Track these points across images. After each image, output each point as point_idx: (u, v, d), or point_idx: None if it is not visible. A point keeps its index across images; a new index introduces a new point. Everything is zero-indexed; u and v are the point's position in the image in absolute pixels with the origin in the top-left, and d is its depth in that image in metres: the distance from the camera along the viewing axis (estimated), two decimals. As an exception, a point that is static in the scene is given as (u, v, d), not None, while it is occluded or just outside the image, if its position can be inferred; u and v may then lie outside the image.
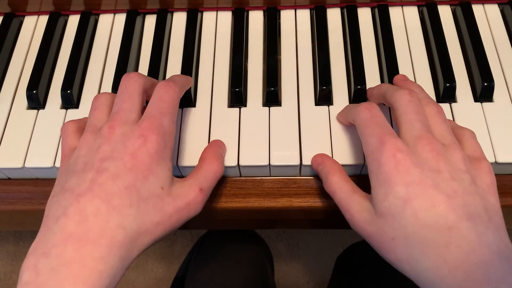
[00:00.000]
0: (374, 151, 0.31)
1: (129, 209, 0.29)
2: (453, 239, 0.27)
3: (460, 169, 0.30)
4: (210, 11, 0.48)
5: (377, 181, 0.30)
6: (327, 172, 0.35)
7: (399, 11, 0.47)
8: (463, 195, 0.29)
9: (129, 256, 0.29)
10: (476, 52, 0.42)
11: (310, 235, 1.11)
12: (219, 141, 0.39)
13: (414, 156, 0.30)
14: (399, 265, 0.30)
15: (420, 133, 0.31)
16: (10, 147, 0.40)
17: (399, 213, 0.29)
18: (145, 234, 0.29)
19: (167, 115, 0.32)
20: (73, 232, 0.27)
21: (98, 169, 0.29)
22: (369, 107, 0.33)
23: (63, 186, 0.30)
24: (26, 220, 0.45)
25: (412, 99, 0.33)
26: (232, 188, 0.40)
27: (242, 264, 0.56)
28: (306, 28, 0.46)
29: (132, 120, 0.32)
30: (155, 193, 0.30)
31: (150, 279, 1.10)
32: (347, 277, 0.62)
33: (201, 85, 0.43)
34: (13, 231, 1.15)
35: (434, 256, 0.28)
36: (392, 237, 0.29)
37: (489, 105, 0.40)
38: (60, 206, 0.28)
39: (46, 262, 0.26)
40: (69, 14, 0.49)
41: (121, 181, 0.29)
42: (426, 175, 0.29)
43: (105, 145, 0.30)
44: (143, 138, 0.30)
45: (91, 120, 0.34)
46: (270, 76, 0.42)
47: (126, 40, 0.46)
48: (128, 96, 0.33)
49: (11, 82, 0.45)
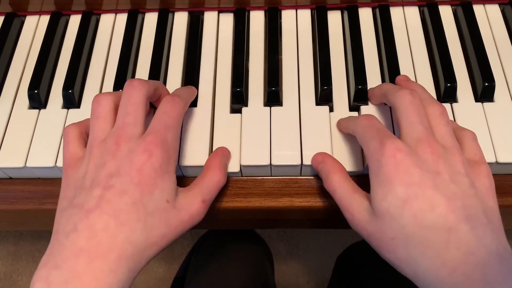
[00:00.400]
0: (375, 153, 0.31)
1: (137, 224, 0.29)
2: (452, 240, 0.28)
3: (459, 172, 0.30)
4: (211, 11, 0.48)
5: (377, 181, 0.30)
6: (327, 171, 0.35)
7: (400, 11, 0.47)
8: (462, 198, 0.29)
9: (136, 268, 0.30)
10: (477, 52, 0.42)
11: (310, 235, 1.12)
12: (225, 149, 0.39)
13: (415, 157, 0.30)
14: (399, 265, 0.30)
15: (421, 135, 0.31)
16: (12, 147, 0.40)
17: (398, 213, 0.29)
18: (151, 246, 0.30)
19: (172, 129, 0.33)
20: (83, 246, 0.28)
21: (105, 185, 0.30)
22: (368, 117, 0.34)
23: (72, 202, 0.30)
24: (27, 220, 0.45)
25: (414, 99, 0.33)
26: (233, 188, 0.40)
27: (242, 264, 0.56)
28: (307, 28, 0.46)
29: (137, 134, 0.32)
30: (161, 207, 0.31)
31: (151, 279, 1.10)
32: (347, 277, 0.62)
33: (203, 85, 0.43)
34: (13, 231, 1.15)
35: (433, 257, 0.28)
36: (391, 237, 0.29)
37: (490, 105, 0.40)
38: (70, 222, 0.29)
39: (57, 274, 0.27)
40: (70, 14, 0.49)
41: (128, 197, 0.30)
42: (426, 176, 0.29)
43: (111, 161, 0.31)
44: (148, 152, 0.31)
45: (94, 132, 0.33)
46: (271, 76, 0.42)
47: (127, 40, 0.46)
48: (132, 108, 0.33)
49: (12, 82, 0.45)
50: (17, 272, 1.12)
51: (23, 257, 1.14)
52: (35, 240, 1.15)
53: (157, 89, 0.36)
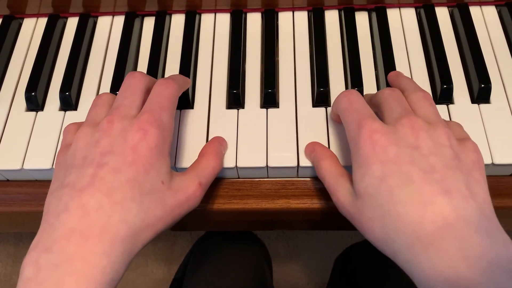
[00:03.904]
0: (354, 136, 0.31)
1: (132, 203, 0.28)
2: (427, 215, 0.27)
3: (442, 144, 0.29)
4: (208, 13, 0.48)
5: (357, 164, 0.30)
6: (318, 158, 0.35)
7: (397, 13, 0.47)
8: (442, 170, 0.28)
9: (131, 251, 0.28)
10: (473, 53, 0.42)
11: (310, 236, 1.12)
12: (221, 138, 0.38)
13: (392, 135, 0.29)
14: (378, 245, 0.30)
15: (400, 115, 0.31)
16: (9, 149, 0.41)
17: (375, 192, 0.29)
18: (147, 228, 0.29)
19: (166, 110, 0.32)
20: (75, 227, 0.27)
21: (98, 163, 0.29)
22: (348, 94, 0.33)
23: (63, 182, 0.29)
24: (25, 222, 0.46)
25: (392, 93, 0.33)
26: (230, 190, 0.40)
27: (240, 266, 0.56)
28: (304, 30, 0.46)
29: (131, 115, 0.32)
30: (157, 187, 0.30)
31: (150, 281, 1.10)
32: (346, 278, 0.62)
33: (199, 87, 0.43)
34: (13, 233, 1.15)
35: (409, 234, 0.27)
36: (370, 217, 0.29)
37: (486, 107, 0.40)
38: (60, 202, 0.28)
39: (47, 257, 0.26)
40: (67, 16, 0.49)
41: (122, 175, 0.28)
42: (404, 152, 0.29)
43: (104, 139, 0.30)
44: (142, 131, 0.30)
45: (90, 115, 0.34)
46: (268, 77, 0.42)
47: (124, 42, 0.46)
48: (130, 92, 0.33)
49: (10, 84, 0.45)
50: (17, 274, 1.12)
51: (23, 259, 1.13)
52: (35, 241, 1.15)
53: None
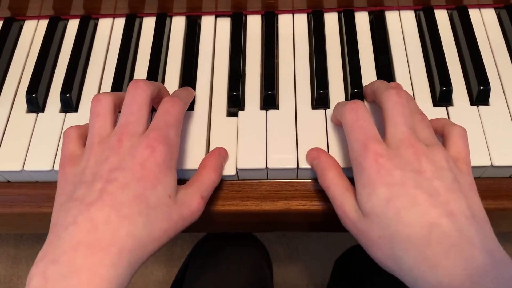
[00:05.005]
0: (358, 157, 0.31)
1: (139, 217, 0.29)
2: (433, 236, 0.28)
3: (442, 167, 0.30)
4: (208, 15, 0.48)
5: (361, 183, 0.31)
6: (323, 167, 0.36)
7: (396, 15, 0.47)
8: (445, 193, 0.29)
9: (137, 263, 0.29)
10: (473, 56, 0.42)
11: (310, 238, 1.12)
12: (222, 149, 0.39)
13: (396, 159, 0.30)
14: (385, 264, 0.30)
15: (403, 136, 0.31)
16: (10, 150, 0.41)
17: (383, 212, 0.29)
18: (153, 241, 0.30)
19: (173, 127, 0.33)
20: (83, 239, 0.27)
21: (107, 179, 0.30)
22: (355, 107, 0.33)
23: (71, 196, 0.30)
24: (25, 223, 0.46)
25: (399, 99, 0.33)
26: (229, 191, 0.40)
27: (240, 267, 0.56)
28: (303, 32, 0.46)
29: (139, 132, 0.32)
30: (163, 202, 0.31)
31: (150, 282, 1.10)
32: (346, 280, 0.62)
33: (200, 89, 0.43)
34: (13, 234, 1.15)
35: (416, 254, 0.28)
36: (378, 236, 0.30)
37: (485, 109, 0.40)
38: (69, 215, 0.29)
39: (55, 269, 0.27)
40: (68, 19, 0.49)
41: (130, 190, 0.29)
42: (408, 176, 0.30)
43: (113, 156, 0.31)
44: (151, 148, 0.31)
45: (95, 129, 0.33)
46: (267, 80, 0.42)
47: (125, 44, 0.46)
48: (136, 107, 0.33)
49: (11, 85, 0.45)
50: (17, 275, 1.12)
51: (23, 260, 1.14)
52: (35, 243, 1.15)
53: (160, 91, 0.37)
